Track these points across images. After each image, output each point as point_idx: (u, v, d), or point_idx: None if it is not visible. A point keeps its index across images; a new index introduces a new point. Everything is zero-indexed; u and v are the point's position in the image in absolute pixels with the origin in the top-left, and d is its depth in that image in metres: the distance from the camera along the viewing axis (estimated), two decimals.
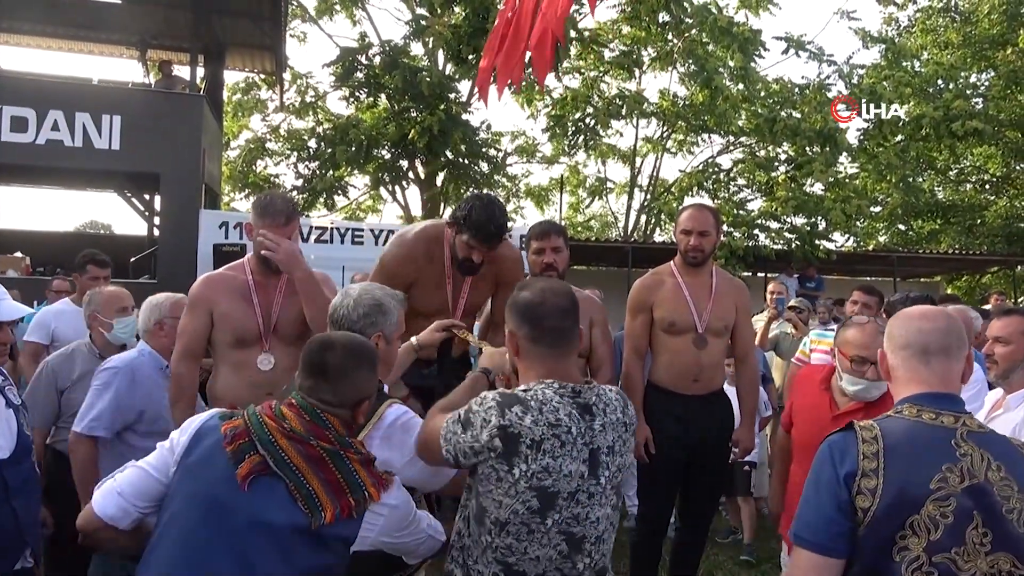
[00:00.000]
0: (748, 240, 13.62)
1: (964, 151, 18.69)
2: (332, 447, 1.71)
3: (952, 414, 1.57)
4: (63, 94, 9.69)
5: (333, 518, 1.66)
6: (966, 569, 1.46)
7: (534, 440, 1.65)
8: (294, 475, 1.67)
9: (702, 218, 3.41)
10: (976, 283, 20.79)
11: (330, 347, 1.80)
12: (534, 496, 1.65)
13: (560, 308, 1.78)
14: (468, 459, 1.70)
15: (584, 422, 1.71)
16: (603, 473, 1.72)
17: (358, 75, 13.90)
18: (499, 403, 1.69)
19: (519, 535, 1.67)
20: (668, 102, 15.35)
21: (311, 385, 1.78)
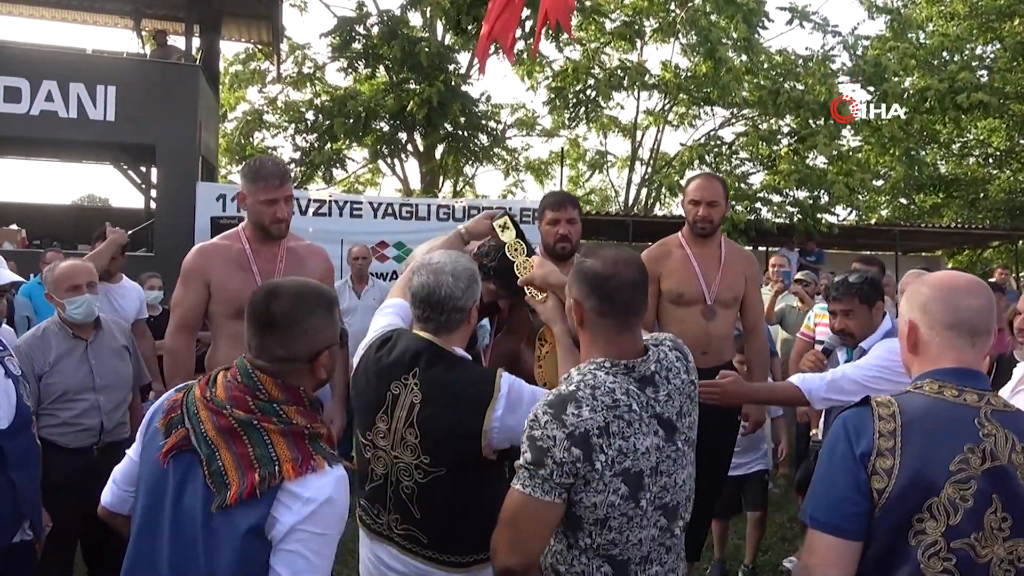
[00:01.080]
0: (750, 214, 13.53)
1: (968, 124, 18.50)
2: (247, 416, 1.51)
3: (976, 391, 1.48)
4: (57, 64, 9.52)
5: (235, 497, 1.44)
6: (983, 555, 1.39)
7: (600, 428, 1.57)
8: (207, 449, 1.51)
9: (711, 188, 3.35)
10: (978, 258, 20.73)
11: (275, 295, 1.58)
12: (621, 481, 1.58)
13: (631, 281, 1.68)
14: (568, 479, 1.56)
15: (645, 395, 1.65)
16: (679, 438, 1.69)
17: (356, 46, 13.70)
18: (552, 414, 1.57)
19: (620, 527, 1.61)
20: (670, 74, 15.15)
21: (258, 343, 1.57)
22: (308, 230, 8.01)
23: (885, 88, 14.05)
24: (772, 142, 15.05)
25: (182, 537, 1.49)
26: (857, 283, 3.06)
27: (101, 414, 3.02)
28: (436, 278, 2.00)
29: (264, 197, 2.86)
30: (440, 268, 2.02)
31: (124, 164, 12.24)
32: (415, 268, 2.08)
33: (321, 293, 1.64)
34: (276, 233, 2.92)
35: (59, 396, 2.94)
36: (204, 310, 2.97)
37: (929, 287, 1.57)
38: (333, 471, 1.51)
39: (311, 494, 1.46)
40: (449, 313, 2.00)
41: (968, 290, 1.55)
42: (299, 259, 3.04)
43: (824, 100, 13.71)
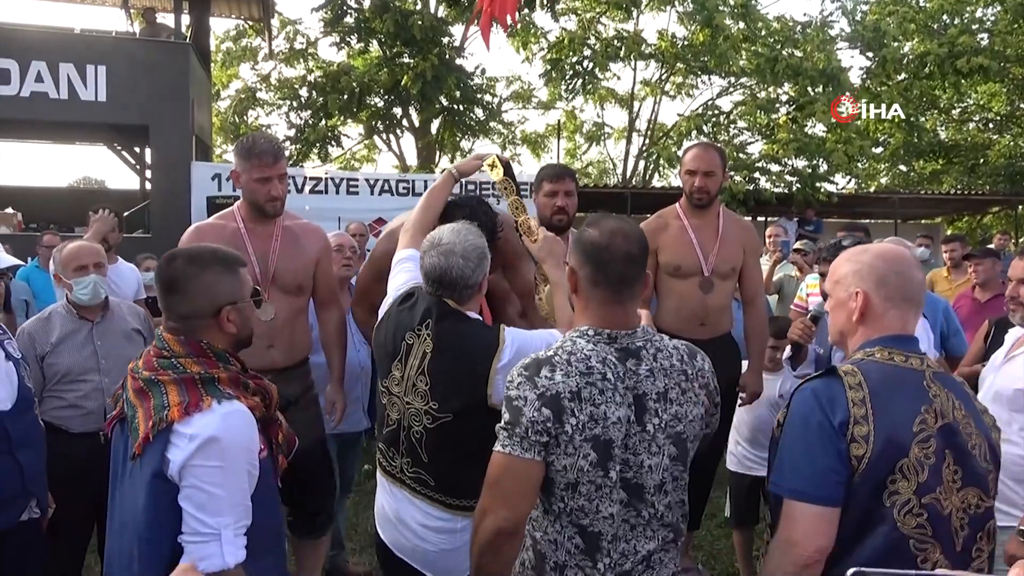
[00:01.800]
0: (748, 184, 13.46)
1: (968, 89, 18.34)
2: (150, 373, 1.67)
3: (917, 356, 1.61)
4: (45, 44, 9.38)
5: (140, 447, 1.60)
6: (946, 507, 1.51)
7: (572, 392, 1.58)
8: (131, 410, 1.67)
9: (708, 158, 3.31)
10: (977, 223, 20.68)
11: (171, 259, 1.76)
12: (591, 447, 1.59)
13: (627, 253, 1.65)
14: (543, 436, 1.58)
15: (624, 366, 1.63)
16: (651, 420, 1.63)
17: (348, 20, 13.53)
18: (526, 376, 1.61)
19: (589, 495, 1.61)
20: (667, 43, 14.97)
21: (165, 304, 1.74)
22: (304, 208, 7.97)
23: (884, 54, 13.90)
24: (770, 111, 14.92)
25: (123, 493, 1.68)
26: (848, 247, 3.04)
27: (104, 397, 3.00)
28: (447, 260, 2.08)
29: (258, 175, 2.83)
30: (450, 250, 2.09)
31: (117, 145, 12.14)
32: (426, 248, 2.15)
33: (216, 253, 1.79)
34: (271, 211, 2.90)
35: (62, 377, 2.92)
36: None
37: (885, 262, 1.66)
38: (221, 407, 1.62)
39: (195, 431, 1.58)
40: (461, 290, 2.11)
41: (914, 265, 1.70)
42: (295, 237, 3.02)
43: (823, 67, 13.56)
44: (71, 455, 2.76)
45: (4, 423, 2.20)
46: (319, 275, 3.11)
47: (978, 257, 4.99)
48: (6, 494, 2.24)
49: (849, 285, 1.68)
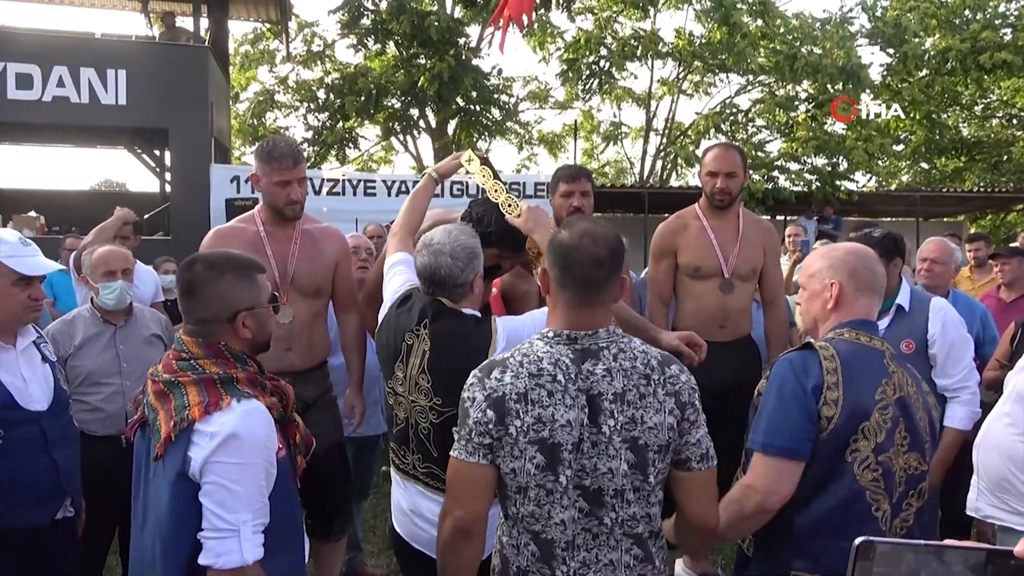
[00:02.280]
0: (767, 182, 13.35)
1: (991, 85, 18.08)
2: (170, 376, 1.70)
3: (878, 338, 1.87)
4: (67, 49, 9.51)
5: (162, 447, 1.63)
6: (895, 466, 1.77)
7: (519, 393, 1.58)
8: (153, 413, 1.69)
9: (729, 158, 3.26)
10: (1001, 221, 20.37)
11: (191, 264, 1.79)
12: (537, 450, 1.57)
13: (594, 257, 1.63)
14: (485, 439, 1.61)
15: (576, 367, 1.60)
16: (606, 421, 1.58)
17: (365, 21, 13.58)
18: (479, 377, 1.65)
19: (539, 500, 1.60)
20: (684, 41, 14.89)
21: (183, 308, 1.78)
22: (322, 210, 7.99)
23: (905, 50, 13.74)
24: (789, 109, 14.80)
25: (147, 494, 1.71)
26: (878, 236, 3.00)
27: (125, 400, 3.02)
28: (436, 259, 2.15)
29: (277, 179, 2.84)
30: (439, 250, 2.16)
31: (138, 148, 12.28)
32: (419, 248, 2.22)
33: (233, 259, 1.83)
34: (290, 215, 2.90)
35: (84, 379, 2.95)
36: None
37: (856, 257, 1.92)
38: (240, 406, 1.65)
39: (215, 428, 1.61)
40: (451, 289, 2.16)
41: (877, 261, 1.95)
42: (314, 241, 3.02)
43: (843, 64, 13.43)
44: (94, 458, 2.78)
45: (41, 423, 2.25)
46: (338, 278, 3.11)
47: (1005, 256, 4.89)
48: (42, 492, 2.28)
49: (824, 277, 1.91)
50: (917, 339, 2.88)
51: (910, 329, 2.91)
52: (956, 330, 2.88)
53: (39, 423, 2.24)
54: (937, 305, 2.90)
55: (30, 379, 2.26)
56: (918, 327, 2.89)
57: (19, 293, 2.21)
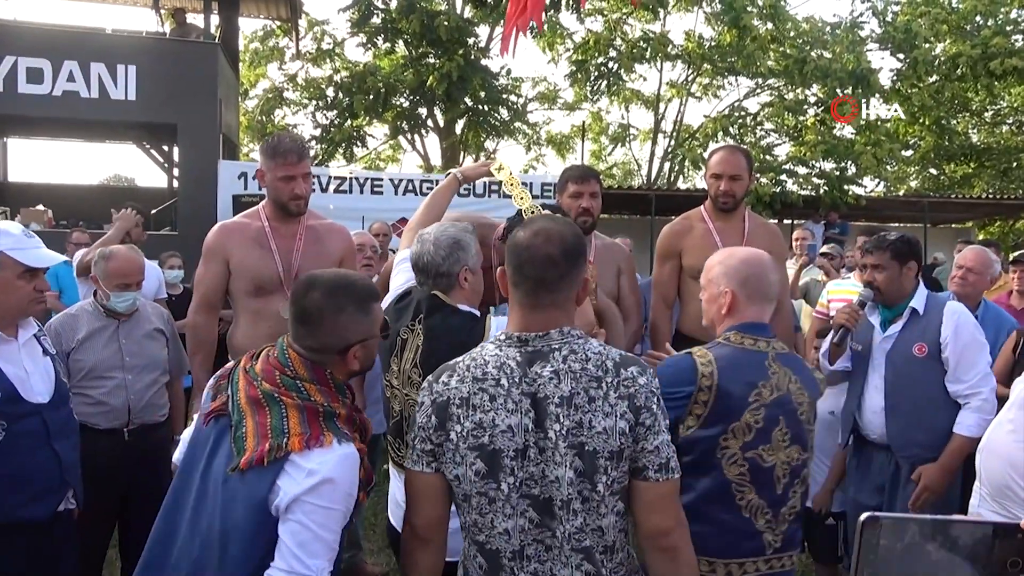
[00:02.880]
0: (775, 186, 13.31)
1: (1001, 91, 17.96)
2: (272, 388, 1.61)
3: (764, 339, 2.00)
4: (77, 44, 9.55)
5: (246, 463, 1.53)
6: (770, 460, 1.93)
7: (462, 398, 1.55)
8: (238, 416, 1.62)
9: (734, 161, 3.25)
10: (1010, 228, 20.25)
11: (311, 287, 1.67)
12: (476, 456, 1.52)
13: (546, 257, 1.56)
14: (427, 445, 1.57)
15: (521, 370, 1.53)
16: (552, 426, 1.50)
17: (374, 20, 13.60)
18: (429, 382, 1.62)
19: (481, 508, 1.54)
20: (694, 43, 14.86)
21: (294, 331, 1.68)
22: (329, 207, 8.01)
23: (915, 55, 13.68)
24: (798, 112, 14.75)
25: (205, 492, 1.61)
26: (892, 239, 2.99)
27: (128, 394, 3.03)
28: (421, 247, 2.21)
29: (282, 174, 2.85)
30: (426, 239, 2.22)
31: (146, 143, 12.31)
32: (415, 238, 2.29)
33: (355, 289, 1.70)
34: (294, 210, 2.91)
35: (87, 373, 2.97)
36: (225, 287, 2.98)
37: (749, 266, 2.04)
38: (340, 448, 1.56)
39: (313, 467, 1.53)
40: (435, 278, 2.18)
41: (772, 268, 2.09)
42: (318, 237, 3.03)
43: (852, 68, 13.38)
44: (95, 452, 2.79)
45: (43, 415, 2.25)
46: None
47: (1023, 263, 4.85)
48: (46, 484, 2.29)
49: (720, 284, 2.04)
50: (930, 342, 2.85)
51: (923, 332, 2.87)
52: (970, 334, 2.83)
53: (41, 415, 2.25)
54: (951, 309, 2.86)
55: (32, 371, 2.27)
56: (931, 330, 2.85)
57: (25, 285, 2.22)
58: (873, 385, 2.97)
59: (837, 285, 4.64)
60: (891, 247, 2.95)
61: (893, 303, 2.96)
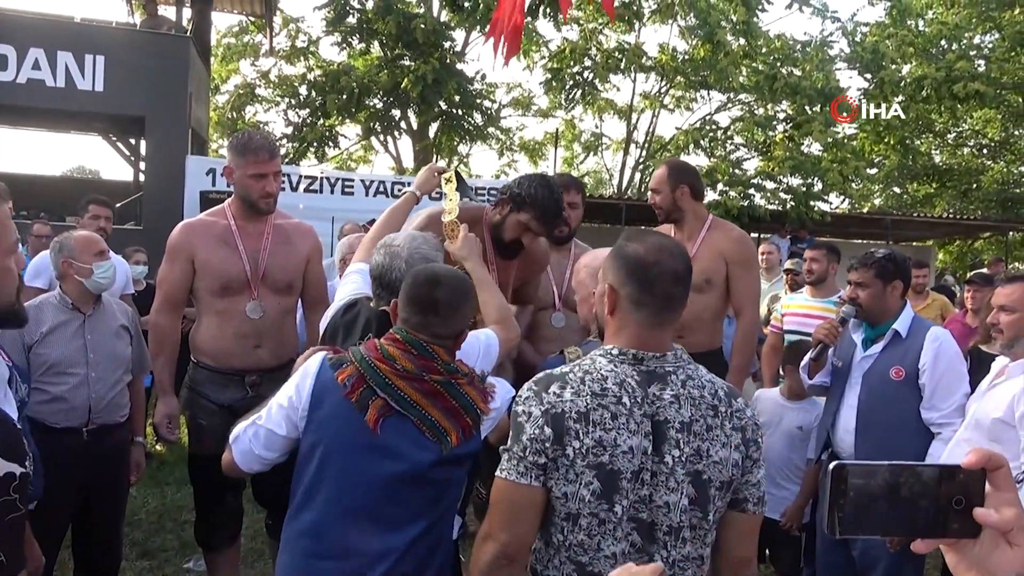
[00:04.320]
0: (743, 199, 13.50)
1: (964, 114, 18.47)
2: (443, 377, 1.83)
3: None
4: (44, 31, 9.32)
5: (458, 440, 1.82)
6: None
7: (580, 412, 1.47)
8: (416, 410, 1.80)
9: (656, 175, 3.40)
10: (968, 248, 20.81)
11: (438, 283, 1.87)
12: (595, 476, 1.46)
13: (675, 272, 1.55)
14: (540, 458, 1.49)
15: (642, 390, 1.50)
16: (670, 451, 1.48)
17: (350, 20, 13.52)
18: (535, 391, 1.54)
19: (591, 529, 1.49)
20: (668, 56, 15.04)
21: (420, 321, 1.86)
22: (299, 206, 7.93)
23: (882, 76, 14.00)
24: (767, 128, 15.00)
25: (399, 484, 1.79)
26: (878, 256, 2.94)
27: (90, 391, 2.95)
28: (390, 261, 2.16)
29: (253, 171, 2.81)
30: (396, 252, 2.16)
31: (112, 135, 12.08)
32: (378, 246, 2.23)
33: (469, 284, 2.01)
34: (264, 208, 2.88)
35: (48, 368, 2.86)
36: (189, 287, 2.93)
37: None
38: (500, 386, 1.99)
39: (499, 404, 1.93)
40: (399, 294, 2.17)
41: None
42: (286, 236, 3.00)
43: (821, 86, 13.65)
44: (53, 451, 2.72)
45: None
46: (309, 275, 3.09)
47: (978, 284, 4.97)
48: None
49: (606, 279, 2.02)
50: (908, 366, 2.79)
51: (902, 356, 2.82)
52: (949, 362, 2.76)
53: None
54: (934, 335, 2.80)
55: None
56: (911, 354, 2.79)
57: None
58: (848, 403, 2.93)
59: (790, 299, 4.66)
60: (876, 265, 2.90)
61: (876, 322, 2.92)
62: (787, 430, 3.40)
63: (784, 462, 3.42)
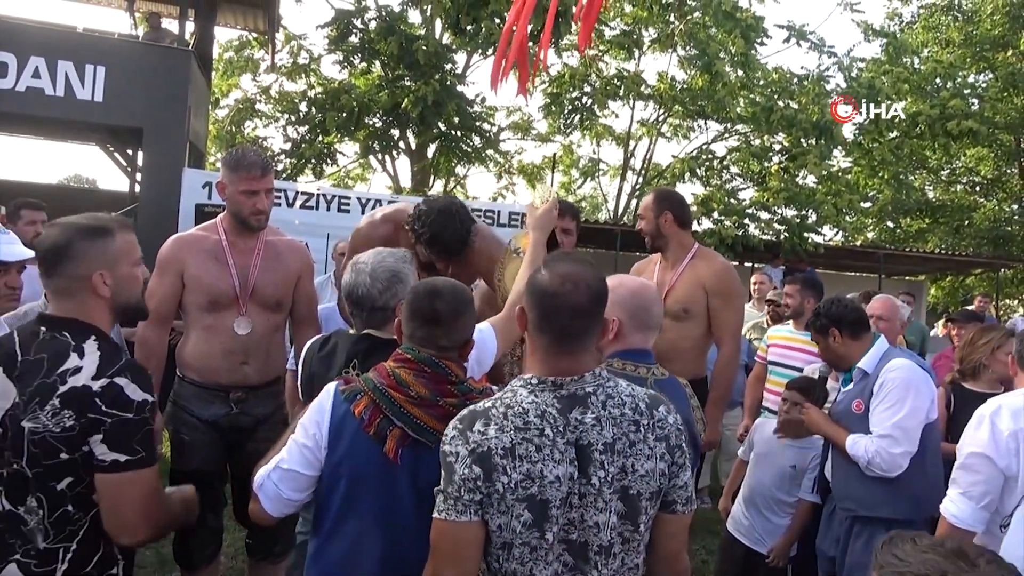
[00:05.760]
0: (738, 229, 13.55)
1: (957, 151, 18.69)
2: (458, 400, 1.81)
3: (645, 366, 2.09)
4: (46, 40, 9.35)
5: None
6: None
7: (505, 448, 1.50)
8: (433, 436, 1.77)
9: (643, 202, 3.51)
10: (960, 284, 20.92)
11: (438, 294, 1.89)
12: (525, 508, 1.49)
13: (574, 307, 1.56)
14: (476, 495, 1.52)
15: (563, 417, 1.53)
16: (596, 473, 1.51)
17: (352, 39, 13.61)
18: (460, 429, 1.56)
19: (522, 557, 1.52)
20: (666, 85, 15.16)
21: (425, 334, 1.87)
22: (294, 222, 7.93)
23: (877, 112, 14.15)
24: (763, 159, 15.09)
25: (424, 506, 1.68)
26: (811, 319, 3.13)
27: None
28: (356, 278, 2.17)
29: (245, 187, 2.81)
30: (361, 268, 2.18)
31: (110, 146, 12.09)
32: (348, 266, 2.25)
33: (468, 292, 2.01)
34: (255, 225, 2.87)
35: None
36: (178, 301, 2.92)
37: (637, 298, 2.13)
38: None
39: None
40: (370, 311, 2.15)
41: (656, 300, 2.21)
42: (277, 253, 2.99)
43: (816, 120, 13.77)
44: None
45: None
46: (299, 292, 3.08)
47: (961, 321, 5.02)
48: None
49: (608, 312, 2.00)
50: (867, 399, 2.88)
51: (862, 389, 2.93)
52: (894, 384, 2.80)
53: None
54: (889, 366, 2.87)
55: None
56: (870, 387, 2.89)
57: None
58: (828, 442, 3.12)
59: (776, 331, 4.70)
60: (811, 326, 3.11)
61: (842, 368, 3.08)
62: (780, 467, 3.38)
63: (769, 495, 3.40)
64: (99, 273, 1.82)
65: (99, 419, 1.68)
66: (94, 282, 1.81)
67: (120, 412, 1.70)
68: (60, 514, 1.72)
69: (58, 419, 1.67)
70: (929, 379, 2.91)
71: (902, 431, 2.73)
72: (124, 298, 1.88)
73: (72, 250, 1.81)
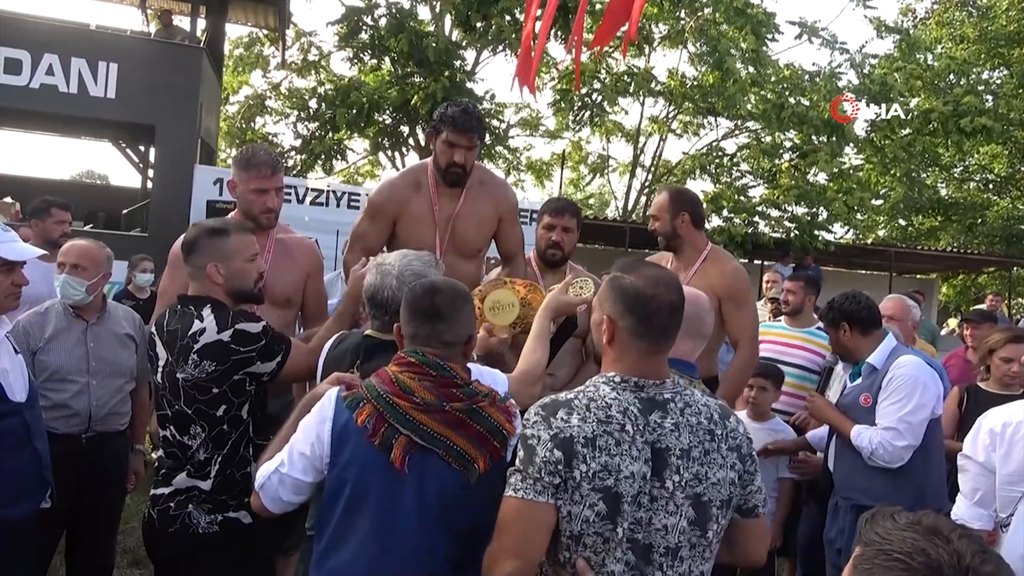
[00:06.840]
0: (748, 227, 13.51)
1: (971, 148, 18.53)
2: (464, 404, 1.79)
3: (688, 378, 1.90)
4: (59, 38, 9.44)
5: (486, 466, 1.77)
6: None
7: (587, 438, 1.54)
8: (441, 442, 1.76)
9: (657, 201, 3.39)
10: (972, 282, 20.80)
11: (436, 291, 1.88)
12: (600, 498, 1.53)
13: (672, 304, 1.64)
14: (555, 478, 1.54)
15: (645, 418, 1.58)
16: (671, 477, 1.56)
17: (363, 36, 13.65)
18: (543, 416, 1.59)
19: (595, 547, 1.55)
20: (677, 82, 15.12)
21: (428, 332, 1.84)
22: (304, 219, 7.97)
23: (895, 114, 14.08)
24: (774, 156, 15.03)
25: (428, 517, 1.75)
26: (824, 311, 3.20)
27: (91, 399, 2.95)
28: (382, 280, 2.13)
29: (255, 186, 2.83)
30: (387, 270, 2.13)
31: (122, 142, 12.17)
32: (372, 266, 2.22)
33: (465, 289, 1.99)
34: (265, 223, 2.89)
35: (50, 375, 2.88)
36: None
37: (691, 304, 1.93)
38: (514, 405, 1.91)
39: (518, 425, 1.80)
40: (393, 315, 2.06)
41: (709, 311, 2.09)
42: (287, 251, 3.01)
43: (828, 117, 13.68)
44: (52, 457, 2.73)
45: (23, 414, 2.25)
46: (309, 290, 3.10)
47: (975, 320, 4.98)
48: (28, 483, 2.29)
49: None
50: (875, 393, 2.98)
51: (871, 384, 3.02)
52: (902, 381, 2.90)
53: (21, 414, 2.23)
54: (898, 362, 2.97)
55: (9, 369, 2.24)
56: (878, 382, 2.99)
57: (2, 280, 2.19)
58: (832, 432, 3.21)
59: (768, 327, 4.63)
60: (823, 318, 3.21)
61: (851, 361, 3.16)
62: None
63: None
64: (213, 264, 2.26)
65: (244, 357, 2.18)
66: (209, 271, 2.26)
67: (254, 345, 2.20)
68: (217, 432, 2.21)
69: (200, 368, 2.15)
70: (936, 376, 3.00)
71: (907, 425, 2.85)
72: (236, 285, 2.31)
73: (197, 245, 2.29)
